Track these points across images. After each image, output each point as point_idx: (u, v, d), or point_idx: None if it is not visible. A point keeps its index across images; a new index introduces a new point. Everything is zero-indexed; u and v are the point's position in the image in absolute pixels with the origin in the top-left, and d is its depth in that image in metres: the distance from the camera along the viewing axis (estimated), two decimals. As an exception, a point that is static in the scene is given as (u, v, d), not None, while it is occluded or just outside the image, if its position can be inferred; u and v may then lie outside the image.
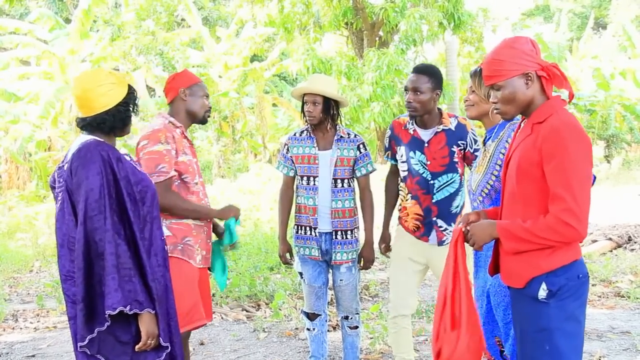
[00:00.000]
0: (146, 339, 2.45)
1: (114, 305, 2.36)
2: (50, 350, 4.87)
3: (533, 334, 2.30)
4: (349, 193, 3.87)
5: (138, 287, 2.41)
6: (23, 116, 15.92)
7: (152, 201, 2.59)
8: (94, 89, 2.55)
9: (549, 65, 2.31)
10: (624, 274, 6.69)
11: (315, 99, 3.78)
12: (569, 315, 2.26)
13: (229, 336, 5.13)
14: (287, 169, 3.97)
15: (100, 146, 2.50)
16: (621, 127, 20.14)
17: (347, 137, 3.87)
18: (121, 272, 2.38)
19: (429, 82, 3.55)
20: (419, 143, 3.65)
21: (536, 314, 2.28)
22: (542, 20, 33.60)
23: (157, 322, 2.48)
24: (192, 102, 3.36)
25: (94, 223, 2.40)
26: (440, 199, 3.61)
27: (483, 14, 18.15)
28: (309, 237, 3.88)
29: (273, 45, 20.91)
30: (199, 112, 3.38)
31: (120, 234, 2.42)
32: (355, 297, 3.96)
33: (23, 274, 8.20)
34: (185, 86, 3.35)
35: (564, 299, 2.26)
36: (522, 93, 2.31)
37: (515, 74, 2.29)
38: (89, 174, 2.43)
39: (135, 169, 2.60)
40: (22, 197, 14.79)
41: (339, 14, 13.91)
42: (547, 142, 2.21)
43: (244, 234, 9.37)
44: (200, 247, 3.28)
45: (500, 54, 2.31)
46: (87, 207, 2.41)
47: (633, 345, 4.55)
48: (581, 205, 2.17)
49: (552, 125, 2.23)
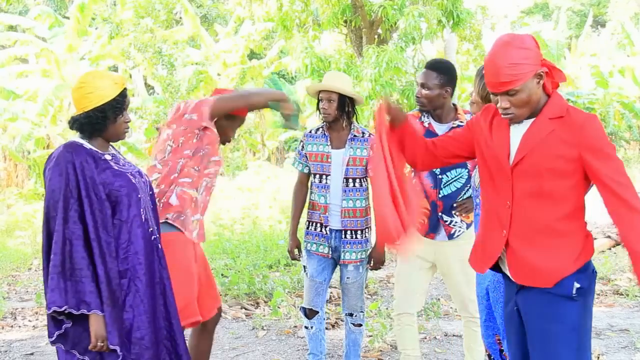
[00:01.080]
0: (95, 340, 2.45)
1: (49, 305, 2.40)
2: (48, 349, 4.86)
3: (561, 334, 2.25)
4: (360, 193, 3.86)
5: (87, 288, 2.42)
6: (21, 114, 15.90)
7: (129, 201, 2.58)
8: (78, 88, 2.59)
9: (549, 63, 2.29)
10: (622, 272, 6.70)
11: (331, 96, 3.80)
12: (589, 311, 2.28)
13: (227, 334, 5.13)
14: (302, 165, 3.99)
15: (71, 147, 2.54)
16: (620, 125, 20.14)
17: (360, 136, 3.87)
18: (66, 272, 2.40)
19: (437, 78, 3.56)
20: (432, 137, 3.65)
21: (566, 313, 2.24)
22: (541, 18, 33.59)
23: (105, 324, 2.46)
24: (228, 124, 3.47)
25: (53, 224, 2.45)
26: (446, 194, 3.61)
27: (482, 12, 18.15)
28: (319, 234, 3.90)
29: (272, 43, 20.91)
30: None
31: (75, 235, 2.43)
32: (361, 295, 3.96)
33: (22, 272, 8.19)
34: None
35: (587, 296, 2.27)
36: (535, 94, 2.25)
37: (529, 77, 2.21)
38: (52, 175, 2.48)
39: (113, 170, 2.58)
40: (20, 195, 14.78)
41: (337, 11, 13.89)
42: (585, 137, 2.20)
43: (243, 232, 9.38)
44: (197, 222, 3.22)
45: (514, 57, 2.19)
46: (48, 208, 2.47)
47: (632, 343, 4.56)
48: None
49: (581, 120, 2.23)
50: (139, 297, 2.56)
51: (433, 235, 3.66)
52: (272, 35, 20.19)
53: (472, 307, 3.59)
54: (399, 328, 3.79)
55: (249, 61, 20.91)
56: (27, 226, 10.69)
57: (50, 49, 16.93)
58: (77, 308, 2.42)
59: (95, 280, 2.45)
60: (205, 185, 3.24)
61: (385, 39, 14.51)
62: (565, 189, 2.24)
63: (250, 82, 20.78)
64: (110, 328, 2.47)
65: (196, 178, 3.20)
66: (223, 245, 8.28)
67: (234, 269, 6.94)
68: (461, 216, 3.61)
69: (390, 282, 6.80)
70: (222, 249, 8.16)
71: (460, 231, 3.63)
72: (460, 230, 3.63)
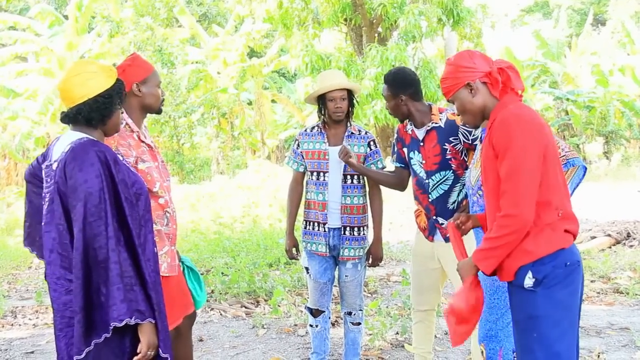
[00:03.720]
0: (146, 349, 2.34)
1: (120, 317, 2.24)
2: (49, 347, 4.86)
3: (523, 322, 2.38)
4: (358, 190, 3.87)
5: (140, 297, 2.29)
6: (21, 112, 15.92)
7: (146, 204, 2.46)
8: (71, 78, 2.41)
9: (492, 71, 2.45)
10: (622, 271, 6.70)
11: (343, 94, 3.82)
12: (556, 303, 2.32)
13: (228, 333, 5.13)
14: (297, 164, 3.98)
15: (96, 146, 2.35)
16: (620, 123, 20.14)
17: (357, 133, 3.89)
18: (124, 281, 2.26)
19: (387, 90, 3.61)
20: (416, 143, 3.65)
21: (524, 303, 2.36)
22: (541, 17, 33.56)
23: (157, 332, 2.37)
24: (147, 96, 2.99)
25: (93, 229, 2.26)
26: (436, 197, 3.60)
27: (482, 10, 18.18)
28: (317, 232, 3.89)
29: (272, 42, 20.90)
30: (154, 105, 3.03)
31: (120, 241, 2.29)
32: (360, 293, 3.97)
33: (22, 271, 8.20)
34: (138, 80, 2.96)
35: (550, 287, 2.32)
36: (469, 102, 2.49)
37: (458, 87, 2.49)
38: (87, 177, 2.27)
39: (129, 170, 2.47)
40: (20, 194, 14.78)
41: (337, 10, 13.91)
42: (495, 135, 2.36)
43: (243, 231, 9.38)
44: (166, 255, 3.00)
45: (445, 73, 2.55)
46: (86, 212, 2.26)
47: (632, 342, 4.56)
48: (521, 190, 2.27)
49: (499, 119, 2.39)
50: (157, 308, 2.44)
51: (432, 238, 3.68)
52: (272, 34, 20.19)
53: None
54: (414, 322, 3.86)
55: (249, 59, 20.89)
56: (27, 225, 10.68)
57: (50, 47, 16.93)
58: (137, 317, 2.27)
59: (144, 287, 2.35)
60: (168, 216, 3.00)
61: (385, 38, 14.51)
62: (499, 184, 2.38)
63: (250, 80, 20.79)
64: (162, 336, 2.38)
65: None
66: (223, 244, 8.28)
67: (234, 267, 6.94)
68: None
69: (390, 281, 6.81)
70: (222, 248, 8.16)
71: None
72: None
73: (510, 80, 2.46)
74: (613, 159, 18.87)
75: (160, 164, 3.04)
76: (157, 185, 2.93)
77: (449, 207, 3.62)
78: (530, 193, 2.28)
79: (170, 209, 3.01)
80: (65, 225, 2.34)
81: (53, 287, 2.38)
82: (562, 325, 2.34)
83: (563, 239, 2.36)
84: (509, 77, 2.46)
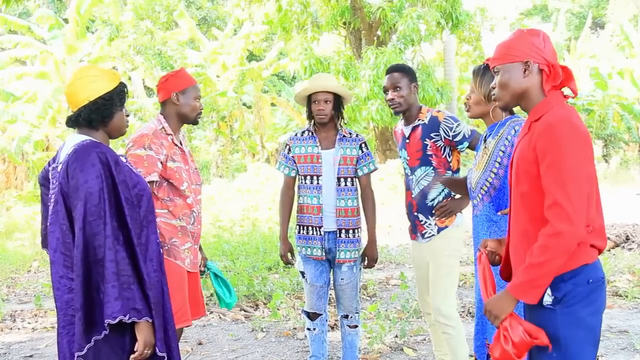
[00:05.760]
0: (143, 348, 2.36)
1: (114, 314, 2.28)
2: (48, 351, 4.86)
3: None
4: (352, 192, 3.89)
5: (136, 295, 2.32)
6: (20, 116, 15.92)
7: (148, 205, 2.50)
8: (75, 82, 2.49)
9: (555, 64, 2.26)
10: (621, 274, 6.70)
11: (327, 97, 3.83)
12: (578, 322, 2.15)
13: (227, 336, 5.13)
14: (288, 169, 3.98)
15: (97, 148, 2.41)
16: (619, 126, 20.18)
17: (349, 136, 3.91)
18: (120, 279, 2.29)
19: (404, 77, 3.67)
20: (403, 140, 3.75)
21: (543, 321, 2.18)
22: (540, 20, 33.62)
23: (153, 331, 2.40)
24: (184, 106, 3.33)
25: (93, 228, 2.31)
26: (417, 193, 3.66)
27: (481, 14, 18.19)
28: (312, 236, 3.90)
29: (271, 45, 20.92)
30: (191, 115, 3.37)
31: (119, 240, 2.33)
32: (356, 296, 3.97)
33: (21, 274, 8.20)
34: (178, 90, 3.32)
35: (571, 305, 2.14)
36: (516, 81, 2.26)
37: (515, 60, 2.25)
38: (87, 177, 2.34)
39: (132, 171, 2.52)
40: (20, 197, 14.80)
41: (336, 13, 13.91)
42: (541, 139, 2.14)
43: (242, 234, 9.38)
44: (188, 251, 3.25)
45: (509, 39, 2.30)
46: (86, 211, 2.32)
47: (631, 345, 4.56)
48: (575, 204, 2.06)
49: (547, 122, 2.16)
50: (154, 307, 2.48)
51: (415, 237, 3.73)
52: (271, 37, 20.21)
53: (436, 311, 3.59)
54: (428, 326, 3.90)
55: (248, 63, 20.91)
56: (27, 228, 10.70)
57: (50, 50, 16.94)
58: (133, 316, 2.31)
59: (141, 286, 2.36)
60: (194, 216, 3.32)
61: (384, 41, 14.52)
62: (534, 192, 2.19)
63: (249, 83, 20.81)
64: (158, 335, 2.40)
65: (173, 207, 3.23)
66: (222, 247, 8.29)
67: (233, 270, 6.95)
68: (437, 219, 3.61)
69: (389, 284, 6.81)
70: (222, 251, 8.17)
71: (430, 234, 3.63)
72: (431, 233, 3.63)
73: (568, 81, 2.27)
74: (612, 162, 18.90)
75: (192, 169, 3.38)
76: (184, 184, 3.25)
77: (428, 204, 3.64)
78: (584, 208, 2.08)
79: (196, 209, 3.32)
80: (68, 225, 2.40)
81: (56, 286, 2.43)
82: (582, 345, 2.16)
83: (587, 254, 2.18)
84: (569, 77, 2.26)
